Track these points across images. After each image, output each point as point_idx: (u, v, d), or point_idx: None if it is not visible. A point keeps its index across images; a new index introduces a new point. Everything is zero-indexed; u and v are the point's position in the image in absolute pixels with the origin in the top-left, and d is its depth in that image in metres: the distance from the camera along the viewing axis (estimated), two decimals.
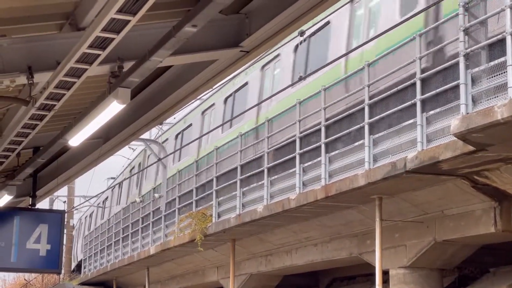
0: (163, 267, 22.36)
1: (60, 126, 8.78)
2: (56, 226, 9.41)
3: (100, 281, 28.09)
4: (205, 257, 19.33)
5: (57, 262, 9.38)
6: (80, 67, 5.41)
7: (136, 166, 28.85)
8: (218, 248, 18.41)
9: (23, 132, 6.99)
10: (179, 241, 18.50)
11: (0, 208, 9.85)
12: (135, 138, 9.55)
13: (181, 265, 21.35)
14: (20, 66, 5.85)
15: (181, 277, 22.26)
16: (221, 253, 18.57)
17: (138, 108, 8.38)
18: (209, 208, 17.55)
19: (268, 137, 15.23)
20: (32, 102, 6.23)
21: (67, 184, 11.86)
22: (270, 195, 14.71)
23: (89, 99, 8.01)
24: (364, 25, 13.17)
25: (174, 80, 7.47)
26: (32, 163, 9.06)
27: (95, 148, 9.70)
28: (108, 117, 6.47)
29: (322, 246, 15.16)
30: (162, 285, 23.72)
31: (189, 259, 20.35)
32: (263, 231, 16.09)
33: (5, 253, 9.04)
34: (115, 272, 25.39)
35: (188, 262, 20.67)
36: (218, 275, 19.64)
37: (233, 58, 6.53)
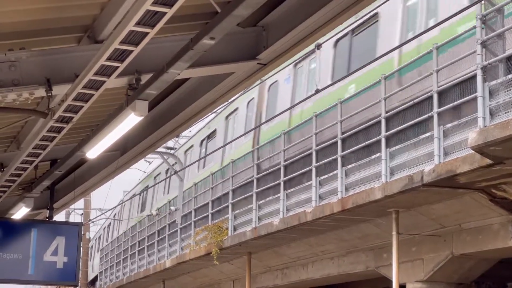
0: (178, 280, 22.35)
1: (77, 139, 8.83)
2: (73, 239, 9.43)
3: None
4: (221, 270, 19.29)
5: (74, 274, 9.40)
6: (99, 79, 5.44)
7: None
8: (234, 261, 18.37)
9: (41, 145, 7.03)
10: (195, 254, 18.48)
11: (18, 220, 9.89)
12: (152, 150, 9.58)
13: (196, 278, 21.32)
14: (39, 79, 5.90)
15: None
16: (237, 266, 18.54)
17: (155, 121, 8.41)
18: (225, 221, 17.54)
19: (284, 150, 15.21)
20: (50, 115, 6.27)
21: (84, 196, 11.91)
22: (286, 208, 14.69)
23: (107, 111, 8.05)
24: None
25: (191, 92, 7.49)
26: (50, 175, 9.10)
27: (112, 161, 9.74)
28: (126, 129, 6.49)
29: (338, 260, 15.09)
30: None
31: (204, 272, 20.33)
32: (279, 244, 16.04)
33: (23, 266, 9.07)
34: (131, 285, 25.40)
35: (203, 275, 20.64)
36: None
37: (250, 70, 6.54)
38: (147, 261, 23.19)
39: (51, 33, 6.00)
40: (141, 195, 29.61)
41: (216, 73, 6.62)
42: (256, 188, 16.18)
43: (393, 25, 12.85)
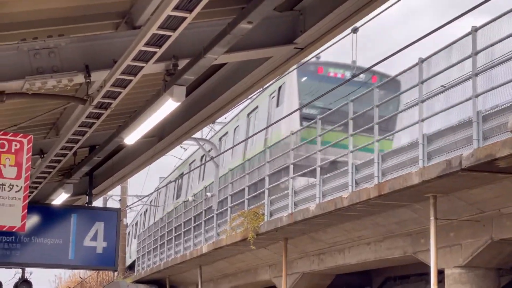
0: (215, 266, 22.45)
1: (115, 125, 8.90)
2: (112, 224, 9.53)
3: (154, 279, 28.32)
4: (257, 255, 19.35)
5: (113, 259, 9.50)
6: (137, 65, 5.46)
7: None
8: (270, 247, 18.40)
9: (80, 131, 7.09)
10: (231, 240, 18.55)
11: (58, 206, 10.01)
12: (188, 136, 9.61)
13: (233, 264, 21.41)
14: (78, 65, 5.95)
15: (233, 276, 22.32)
16: (273, 251, 18.57)
17: (191, 107, 8.43)
18: (261, 206, 17.57)
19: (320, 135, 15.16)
20: (89, 101, 6.32)
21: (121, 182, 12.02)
22: (323, 194, 14.66)
23: (144, 97, 8.09)
24: None
25: (228, 78, 7.50)
26: (89, 161, 9.19)
27: (149, 147, 9.80)
28: (163, 115, 6.52)
29: (375, 245, 15.04)
30: (214, 284, 23.82)
31: (241, 258, 20.40)
32: (315, 230, 16.03)
33: (63, 251, 9.20)
34: (168, 271, 25.57)
35: (240, 260, 20.72)
36: (271, 274, 19.64)
37: (287, 55, 6.53)
38: (184, 246, 23.33)
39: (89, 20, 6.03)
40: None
41: (253, 58, 6.61)
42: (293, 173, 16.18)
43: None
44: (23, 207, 5.93)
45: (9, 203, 5.88)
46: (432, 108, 11.77)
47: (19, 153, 5.92)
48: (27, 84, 5.86)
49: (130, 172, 10.89)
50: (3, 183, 5.87)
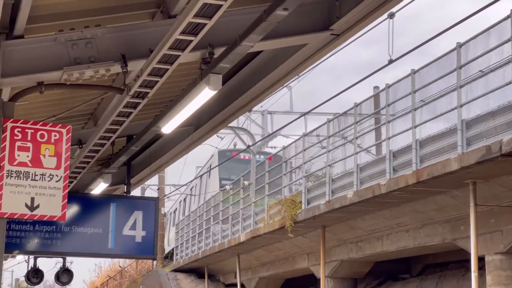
0: (253, 254, 22.51)
1: (152, 114, 8.94)
2: (151, 213, 9.58)
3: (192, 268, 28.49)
4: (295, 243, 19.35)
5: (152, 248, 9.56)
6: (173, 53, 5.47)
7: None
8: (308, 235, 18.39)
9: (117, 120, 7.13)
10: (269, 228, 18.57)
11: (97, 195, 10.11)
12: (225, 125, 9.62)
13: (271, 252, 21.44)
14: (115, 55, 5.98)
15: (272, 264, 22.36)
16: (311, 239, 18.55)
17: (227, 95, 8.43)
18: (298, 195, 17.55)
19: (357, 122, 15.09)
20: (126, 90, 6.34)
21: (159, 172, 12.07)
22: (360, 181, 14.59)
23: (180, 86, 8.12)
24: None
25: (264, 65, 7.47)
26: (126, 151, 9.25)
27: (186, 136, 9.83)
28: (200, 103, 6.53)
29: (414, 232, 14.94)
30: (252, 272, 23.88)
31: (279, 246, 20.42)
32: (353, 217, 15.98)
33: (103, 240, 9.28)
34: (207, 259, 25.70)
35: (278, 249, 20.74)
36: (309, 262, 19.64)
37: (323, 42, 6.48)
38: (222, 235, 23.43)
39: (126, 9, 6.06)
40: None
41: (289, 45, 6.58)
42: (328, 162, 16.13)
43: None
44: (63, 196, 5.99)
45: (49, 193, 5.94)
46: (472, 93, 11.62)
47: (58, 143, 5.98)
48: (65, 75, 5.91)
49: (167, 162, 10.94)
50: (43, 173, 5.93)
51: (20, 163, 5.86)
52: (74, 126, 8.83)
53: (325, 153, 16.77)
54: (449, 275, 16.72)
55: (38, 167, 5.93)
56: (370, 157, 15.85)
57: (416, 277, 18.17)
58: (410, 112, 13.17)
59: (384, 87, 14.23)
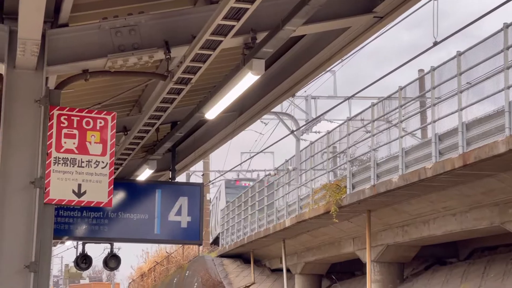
0: (298, 239, 22.52)
1: (195, 100, 8.97)
2: (196, 199, 9.63)
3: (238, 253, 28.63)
4: (340, 228, 19.30)
5: (198, 233, 9.61)
6: (215, 39, 5.47)
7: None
8: (353, 219, 18.33)
9: (162, 107, 7.17)
10: (314, 213, 18.56)
11: (142, 182, 10.19)
12: (268, 110, 9.61)
13: (316, 237, 21.43)
14: (158, 42, 6.01)
15: (317, 249, 22.35)
16: (356, 224, 18.49)
17: (271, 80, 8.42)
18: (343, 179, 17.49)
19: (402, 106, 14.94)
20: (169, 77, 6.37)
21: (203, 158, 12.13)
22: (405, 165, 14.47)
23: (223, 72, 8.13)
24: None
25: (306, 50, 7.44)
26: (171, 137, 9.31)
27: (230, 122, 9.85)
28: (243, 88, 6.52)
29: (461, 216, 14.77)
30: (298, 257, 23.90)
31: (324, 231, 20.39)
32: (398, 202, 15.87)
33: (149, 225, 9.35)
34: (252, 245, 25.80)
35: (323, 233, 20.72)
36: (354, 246, 19.58)
37: (367, 24, 6.42)
38: (267, 220, 23.48)
39: None
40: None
41: (331, 28, 6.53)
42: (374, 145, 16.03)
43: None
44: (109, 182, 6.05)
45: (96, 179, 6.00)
46: None
47: (103, 130, 6.03)
48: (109, 62, 5.96)
49: (212, 147, 10.98)
50: (90, 159, 6.00)
51: (66, 150, 5.93)
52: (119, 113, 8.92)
53: (369, 137, 16.69)
54: (498, 259, 16.50)
55: (84, 154, 5.99)
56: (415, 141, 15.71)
57: (463, 261, 17.99)
58: (456, 95, 13.01)
59: (429, 70, 14.07)
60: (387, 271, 18.35)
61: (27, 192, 5.73)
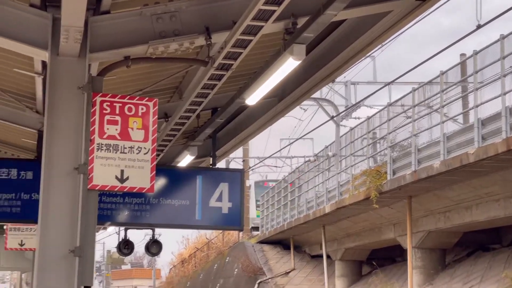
0: (338, 225, 22.48)
1: (236, 87, 8.99)
2: (236, 185, 9.63)
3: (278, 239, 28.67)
4: (380, 214, 19.22)
5: (239, 219, 9.62)
6: (256, 24, 5.46)
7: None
8: (393, 205, 18.23)
9: (202, 93, 7.20)
10: (354, 199, 18.50)
11: (183, 168, 10.25)
12: (308, 96, 9.58)
13: (356, 223, 21.37)
14: (198, 28, 6.02)
15: (357, 235, 22.29)
16: (397, 210, 18.39)
17: (311, 66, 8.39)
18: (384, 165, 17.39)
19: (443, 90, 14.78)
20: (210, 63, 6.38)
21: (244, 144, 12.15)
22: (447, 150, 14.33)
23: (263, 58, 8.11)
24: None
25: (347, 34, 7.39)
26: (211, 123, 9.34)
27: (270, 108, 9.84)
28: (284, 74, 6.51)
29: (504, 202, 14.58)
30: (338, 243, 23.86)
31: (364, 217, 20.32)
32: (440, 187, 15.73)
33: (190, 211, 9.39)
34: (292, 231, 25.82)
35: (363, 219, 20.65)
36: (395, 233, 19.48)
37: (409, 8, 6.36)
38: (307, 206, 23.48)
39: None
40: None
41: (372, 12, 6.48)
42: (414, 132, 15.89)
43: None
44: (152, 168, 6.08)
45: (138, 165, 6.04)
46: None
47: (145, 116, 6.07)
48: (150, 49, 5.99)
49: (252, 133, 10.99)
50: (132, 146, 6.04)
51: (109, 136, 5.98)
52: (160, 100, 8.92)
53: (410, 122, 16.55)
54: None
55: (127, 140, 6.03)
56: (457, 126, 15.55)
57: (507, 247, 17.78)
58: (499, 79, 12.82)
59: (472, 54, 13.89)
60: (428, 257, 18.23)
61: (71, 178, 5.80)
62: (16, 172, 8.66)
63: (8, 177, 8.65)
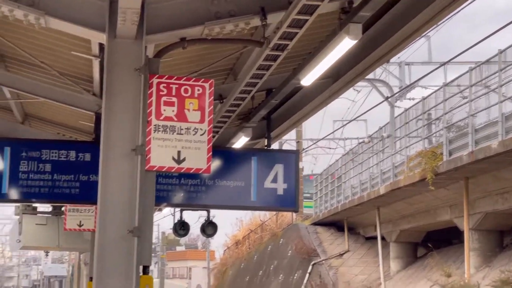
0: (393, 207, 22.31)
1: (290, 67, 8.96)
2: (291, 166, 9.62)
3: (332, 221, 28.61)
4: (436, 196, 19.00)
5: (294, 200, 9.62)
6: (312, 3, 5.43)
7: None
8: (450, 187, 17.99)
9: (257, 74, 7.19)
10: (409, 181, 18.32)
11: (238, 149, 10.28)
12: (363, 76, 9.49)
13: (411, 205, 21.17)
14: (253, 8, 6.01)
15: (412, 217, 22.09)
16: (453, 191, 18.15)
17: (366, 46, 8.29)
18: (439, 146, 17.18)
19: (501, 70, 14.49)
20: (266, 43, 6.37)
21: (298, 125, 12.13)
22: (506, 131, 14.07)
23: (318, 38, 8.06)
24: None
25: (404, 13, 7.27)
26: (266, 105, 9.34)
27: (325, 89, 9.78)
28: (340, 54, 6.47)
29: None
30: (393, 225, 23.69)
31: (419, 198, 20.12)
32: (498, 168, 15.46)
33: (245, 193, 9.41)
34: (346, 213, 25.73)
35: (419, 201, 20.44)
36: (451, 214, 19.24)
37: None
38: (361, 188, 23.35)
39: None
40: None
41: None
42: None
43: None
44: (208, 149, 6.11)
45: (194, 146, 6.08)
46: None
47: (201, 98, 6.09)
48: (206, 30, 6.01)
49: (306, 115, 10.95)
50: (188, 127, 6.08)
51: (166, 117, 6.02)
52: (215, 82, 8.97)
53: (466, 102, 16.29)
54: None
55: (183, 121, 6.07)
56: None
57: None
58: None
59: None
60: (485, 239, 17.98)
61: (129, 159, 5.87)
62: (74, 154, 8.80)
63: (67, 159, 8.79)
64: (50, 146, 8.76)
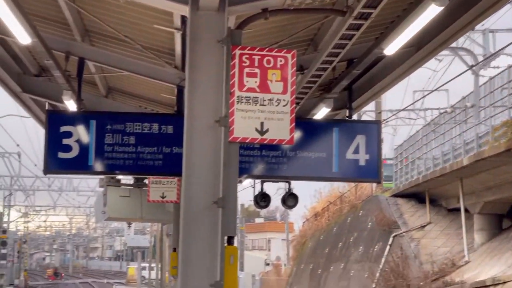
0: (477, 178, 21.84)
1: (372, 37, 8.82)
2: (373, 137, 9.49)
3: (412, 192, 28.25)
4: None
5: (376, 171, 9.52)
6: None
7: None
8: None
9: (340, 44, 7.11)
10: (494, 151, 17.88)
11: (319, 120, 10.23)
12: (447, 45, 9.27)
13: (496, 175, 20.67)
14: None
15: (497, 188, 21.57)
16: None
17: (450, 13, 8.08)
18: None
19: None
20: (349, 12, 6.27)
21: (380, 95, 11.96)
22: None
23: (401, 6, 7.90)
24: None
25: None
26: (347, 75, 9.23)
27: (407, 58, 9.60)
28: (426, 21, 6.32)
29: None
30: (477, 196, 23.21)
31: (505, 169, 19.62)
32: None
33: (327, 164, 9.35)
34: (427, 184, 25.33)
35: (504, 172, 19.94)
36: None
37: None
38: (443, 159, 22.94)
39: None
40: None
41: None
42: None
43: None
44: (291, 120, 6.08)
45: (277, 117, 6.05)
46: None
47: (284, 69, 6.04)
48: (288, 0, 5.94)
49: (388, 85, 10.78)
50: (271, 98, 6.05)
51: (249, 89, 6.01)
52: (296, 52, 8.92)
53: None
54: None
55: (266, 92, 6.04)
56: None
57: None
58: None
59: None
60: None
61: (213, 131, 5.89)
62: (157, 127, 8.90)
63: (150, 131, 8.90)
64: (134, 119, 8.88)
